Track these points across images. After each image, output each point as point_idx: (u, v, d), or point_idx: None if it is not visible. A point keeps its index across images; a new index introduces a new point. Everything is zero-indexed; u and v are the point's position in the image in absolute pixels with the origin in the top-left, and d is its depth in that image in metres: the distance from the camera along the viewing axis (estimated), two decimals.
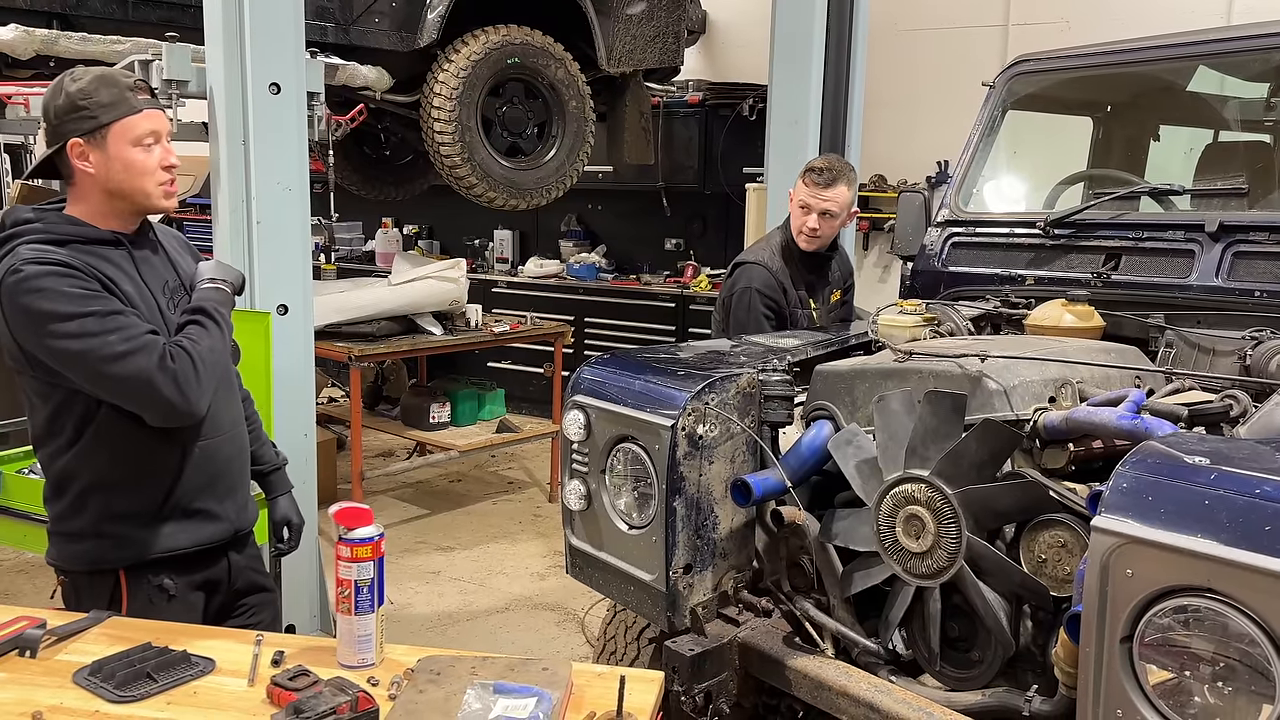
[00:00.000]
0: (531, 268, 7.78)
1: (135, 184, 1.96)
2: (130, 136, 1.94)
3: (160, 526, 2.02)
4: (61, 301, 1.84)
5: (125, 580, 2.02)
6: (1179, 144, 3.35)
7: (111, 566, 2.02)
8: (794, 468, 2.18)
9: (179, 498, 2.04)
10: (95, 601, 2.00)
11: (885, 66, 6.29)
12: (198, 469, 2.05)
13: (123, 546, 2.01)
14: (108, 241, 1.97)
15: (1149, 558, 1.47)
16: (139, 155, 1.95)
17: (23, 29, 3.70)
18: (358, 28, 4.49)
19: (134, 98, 1.95)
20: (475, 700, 1.50)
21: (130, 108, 1.94)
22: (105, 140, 1.92)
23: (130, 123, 1.93)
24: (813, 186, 3.19)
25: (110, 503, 2.00)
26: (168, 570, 2.05)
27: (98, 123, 1.91)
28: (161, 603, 2.04)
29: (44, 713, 1.49)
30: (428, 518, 5.52)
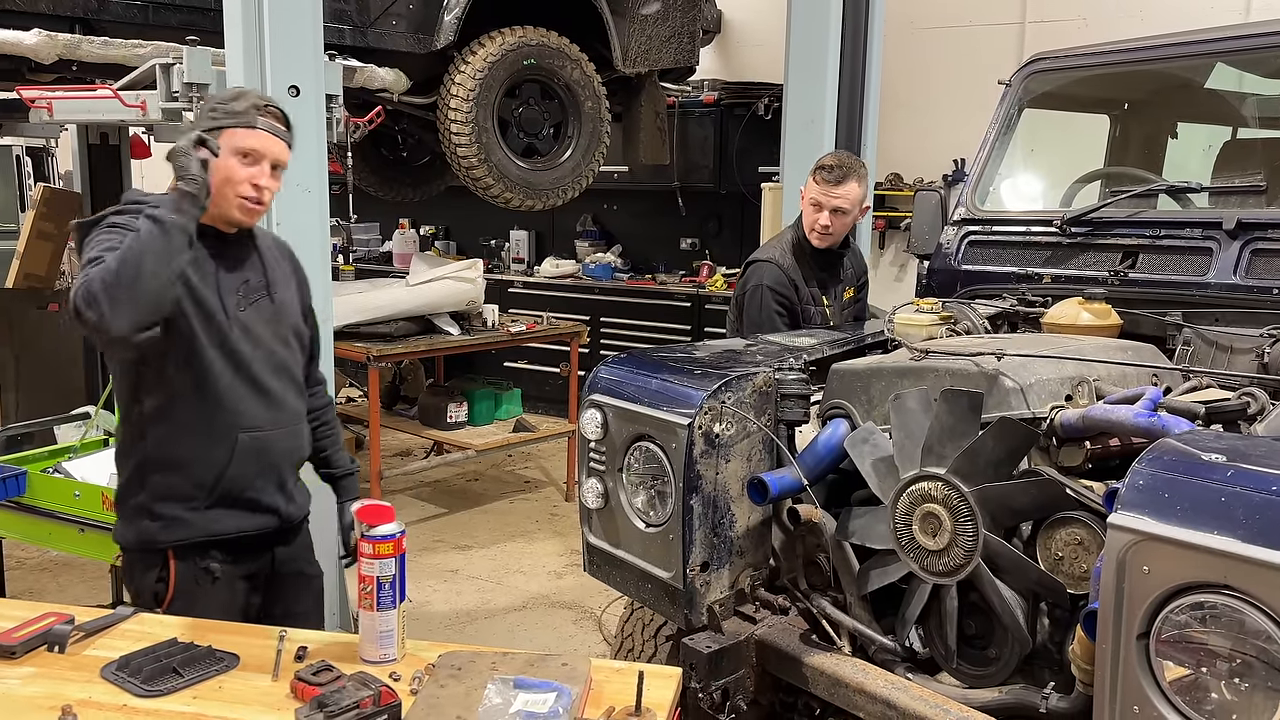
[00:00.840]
0: (547, 268, 7.80)
1: (221, 188, 2.07)
2: (235, 145, 2.07)
3: (208, 511, 2.12)
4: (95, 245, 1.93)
5: (173, 560, 2.12)
6: (1197, 141, 3.33)
7: (160, 546, 2.12)
8: (810, 466, 2.19)
9: (228, 485, 2.13)
10: (144, 578, 2.13)
11: (901, 65, 6.28)
12: (248, 459, 2.14)
13: (171, 527, 2.11)
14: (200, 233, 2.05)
15: (1166, 554, 1.47)
16: (234, 163, 2.07)
17: (45, 34, 3.75)
18: (375, 30, 4.52)
19: (256, 117, 2.09)
20: (496, 695, 1.52)
21: (246, 122, 2.09)
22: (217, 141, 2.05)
23: (240, 134, 2.08)
24: (824, 184, 3.20)
25: (163, 484, 2.11)
26: (214, 554, 2.14)
27: (217, 125, 2.07)
28: (206, 584, 2.13)
29: (73, 706, 1.51)
30: (445, 516, 5.55)
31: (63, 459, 3.41)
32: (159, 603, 2.13)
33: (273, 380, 2.19)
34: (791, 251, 3.31)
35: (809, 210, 3.27)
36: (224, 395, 2.11)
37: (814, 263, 3.32)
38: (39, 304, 5.93)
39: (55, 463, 3.38)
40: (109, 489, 3.07)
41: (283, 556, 2.28)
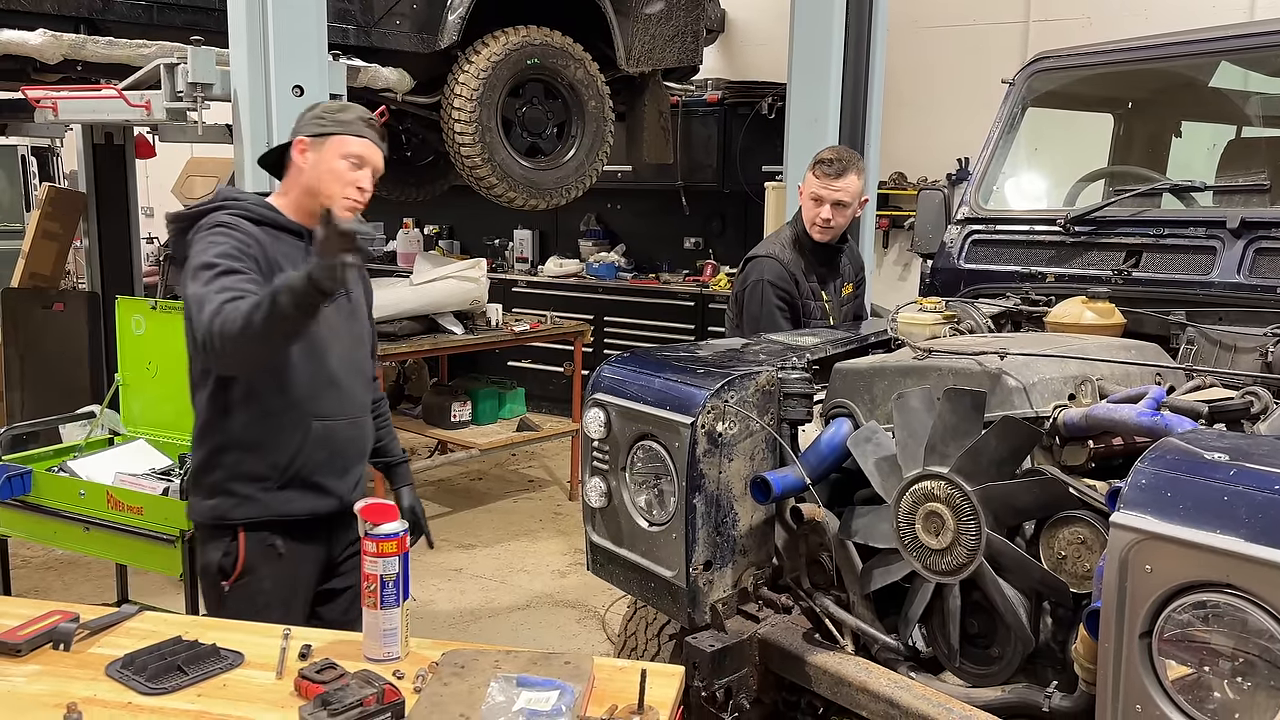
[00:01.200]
0: (551, 267, 7.81)
1: (328, 188, 2.22)
2: (342, 150, 2.23)
3: (280, 492, 2.24)
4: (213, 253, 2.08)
5: (243, 535, 2.23)
6: (1201, 140, 3.33)
7: (232, 522, 2.23)
8: (813, 465, 2.19)
9: (299, 469, 2.26)
10: (213, 553, 2.25)
11: (905, 64, 6.28)
12: (319, 445, 2.27)
13: (244, 505, 2.23)
14: (291, 230, 2.25)
15: (1168, 553, 1.47)
16: (341, 166, 2.23)
17: (50, 34, 3.76)
18: (379, 30, 4.53)
19: (362, 126, 2.26)
20: (499, 693, 1.52)
21: (355, 130, 2.25)
22: (324, 146, 2.23)
23: (347, 140, 2.24)
24: (824, 178, 3.20)
25: (239, 464, 2.23)
26: (280, 532, 2.25)
27: (325, 130, 2.24)
28: (272, 559, 2.25)
29: (78, 704, 1.52)
30: (449, 515, 5.56)
31: (68, 458, 3.42)
32: (225, 576, 2.25)
33: (345, 374, 2.33)
34: (791, 247, 3.31)
35: (809, 205, 3.27)
36: (303, 386, 2.23)
37: (813, 258, 3.32)
38: (44, 303, 5.94)
39: (60, 462, 3.38)
40: (114, 488, 3.08)
41: (341, 539, 2.38)
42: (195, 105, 3.63)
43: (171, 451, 3.45)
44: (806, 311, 3.26)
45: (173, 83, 3.66)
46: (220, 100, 3.70)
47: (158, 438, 3.54)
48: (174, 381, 3.52)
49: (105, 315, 5.76)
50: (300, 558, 2.29)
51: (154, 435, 3.56)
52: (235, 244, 2.12)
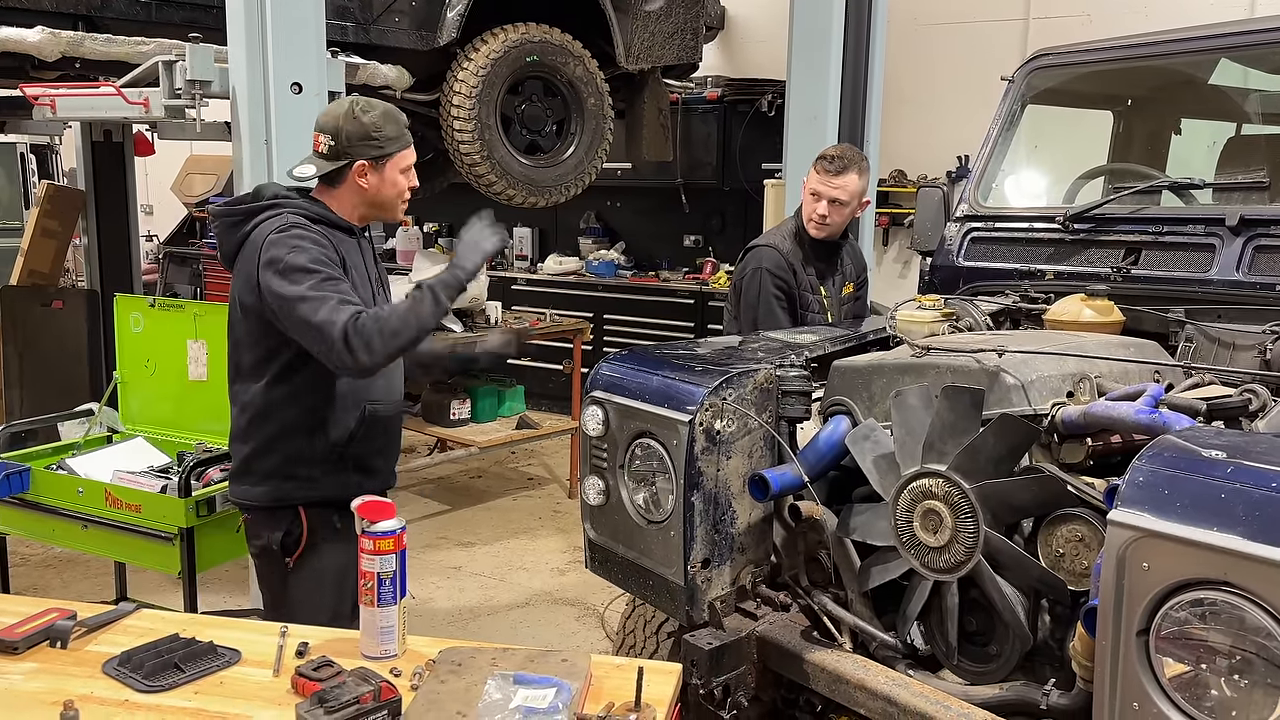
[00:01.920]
0: (551, 265, 7.80)
1: (394, 201, 2.41)
2: (401, 165, 2.38)
3: (338, 475, 2.36)
4: (305, 258, 2.21)
5: (305, 515, 2.36)
6: (1201, 138, 3.32)
7: (294, 503, 2.36)
8: (811, 463, 2.19)
9: (355, 452, 2.39)
10: (273, 534, 2.36)
11: (905, 61, 6.27)
12: (372, 429, 2.41)
13: (306, 487, 2.35)
14: (343, 228, 2.38)
15: (1165, 551, 1.47)
16: (403, 180, 2.40)
17: (49, 31, 3.75)
18: (378, 27, 4.52)
19: (407, 134, 2.39)
20: (496, 690, 1.52)
21: (406, 142, 2.38)
22: (384, 166, 2.35)
23: (405, 155, 2.39)
24: (824, 174, 3.20)
25: (301, 448, 2.34)
26: (337, 511, 2.33)
27: (384, 152, 2.34)
28: (331, 536, 2.37)
29: (75, 701, 1.52)
30: (449, 513, 5.56)
31: (66, 456, 3.42)
32: (289, 553, 2.36)
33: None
34: (792, 238, 3.31)
35: (808, 200, 3.27)
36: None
37: (813, 252, 3.32)
38: (43, 301, 5.94)
39: (59, 459, 3.39)
40: (112, 486, 3.08)
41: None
42: (194, 103, 3.62)
43: (170, 449, 3.45)
44: (804, 304, 3.26)
45: (171, 80, 3.65)
46: (219, 97, 3.69)
47: (156, 435, 3.54)
48: (172, 379, 3.53)
49: (104, 313, 5.75)
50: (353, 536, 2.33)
51: (152, 433, 3.56)
52: (321, 250, 2.24)
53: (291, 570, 2.37)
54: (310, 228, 2.28)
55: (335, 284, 2.21)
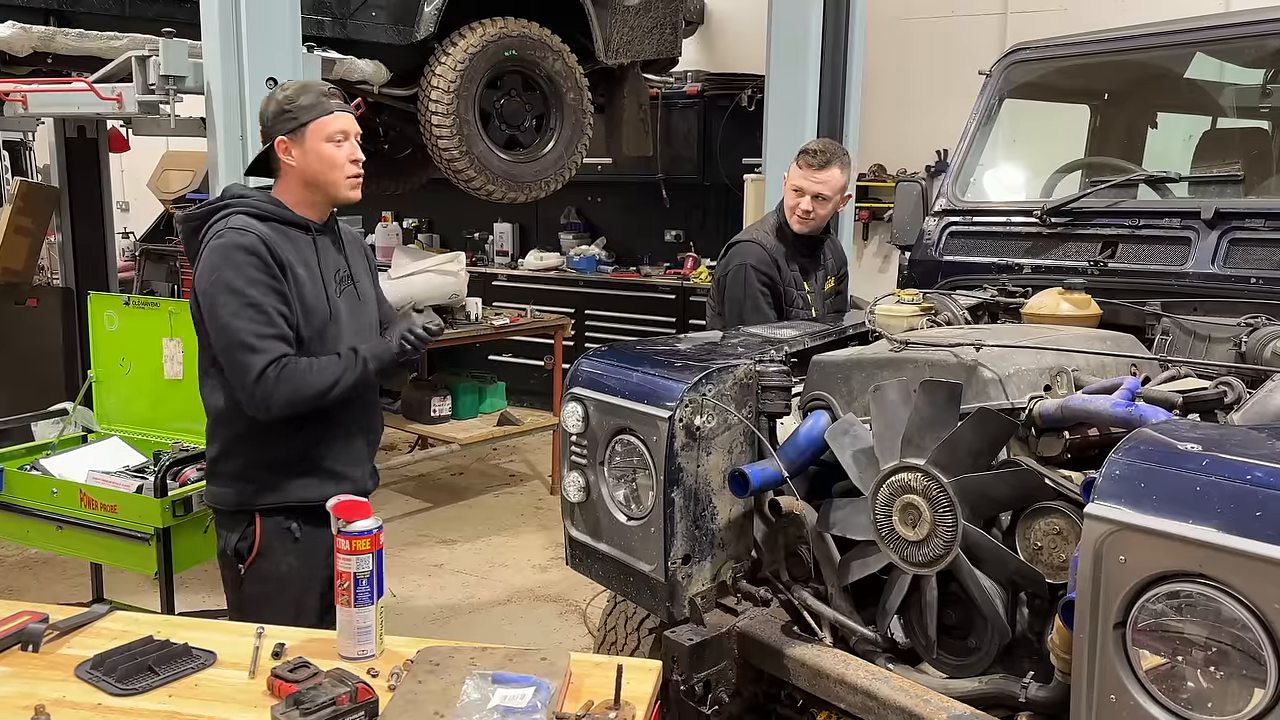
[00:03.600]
0: (531, 260, 7.78)
1: (327, 175, 2.26)
2: (323, 134, 2.24)
3: (299, 479, 2.29)
4: (235, 276, 2.15)
5: (260, 521, 2.29)
6: (1177, 131, 3.34)
7: (251, 508, 2.29)
8: (791, 458, 2.19)
9: (318, 456, 2.31)
10: (230, 537, 2.31)
11: (883, 56, 6.28)
12: (335, 433, 2.33)
13: (264, 491, 2.28)
14: (298, 225, 2.28)
15: (1142, 544, 1.47)
16: (330, 149, 2.25)
17: (20, 26, 3.71)
18: (355, 22, 4.49)
19: (328, 101, 2.26)
20: (474, 690, 1.51)
21: (324, 109, 2.24)
22: (304, 137, 2.23)
23: (323, 121, 2.24)
24: (806, 169, 3.20)
25: (260, 451, 2.27)
26: (297, 517, 2.29)
27: (298, 122, 2.23)
28: (288, 543, 2.30)
29: (46, 706, 1.50)
30: (430, 511, 5.53)
31: (40, 456, 3.37)
32: (242, 559, 2.30)
33: None
34: (774, 234, 3.31)
35: (790, 195, 3.27)
36: None
37: (795, 247, 3.33)
38: (16, 299, 5.88)
39: (33, 460, 3.34)
40: (87, 486, 3.05)
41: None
42: (168, 98, 3.59)
43: (145, 448, 3.41)
44: (788, 299, 3.26)
45: (145, 75, 3.62)
46: (193, 93, 3.66)
47: (131, 435, 3.51)
48: (147, 378, 3.50)
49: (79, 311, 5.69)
50: (317, 543, 2.29)
51: (128, 432, 3.53)
52: (253, 263, 2.16)
53: (245, 577, 2.31)
54: (249, 227, 2.19)
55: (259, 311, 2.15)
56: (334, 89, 2.31)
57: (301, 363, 2.18)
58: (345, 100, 2.31)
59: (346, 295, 2.36)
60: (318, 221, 2.33)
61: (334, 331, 2.30)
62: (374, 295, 2.51)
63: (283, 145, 2.25)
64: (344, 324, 2.32)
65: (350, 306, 2.37)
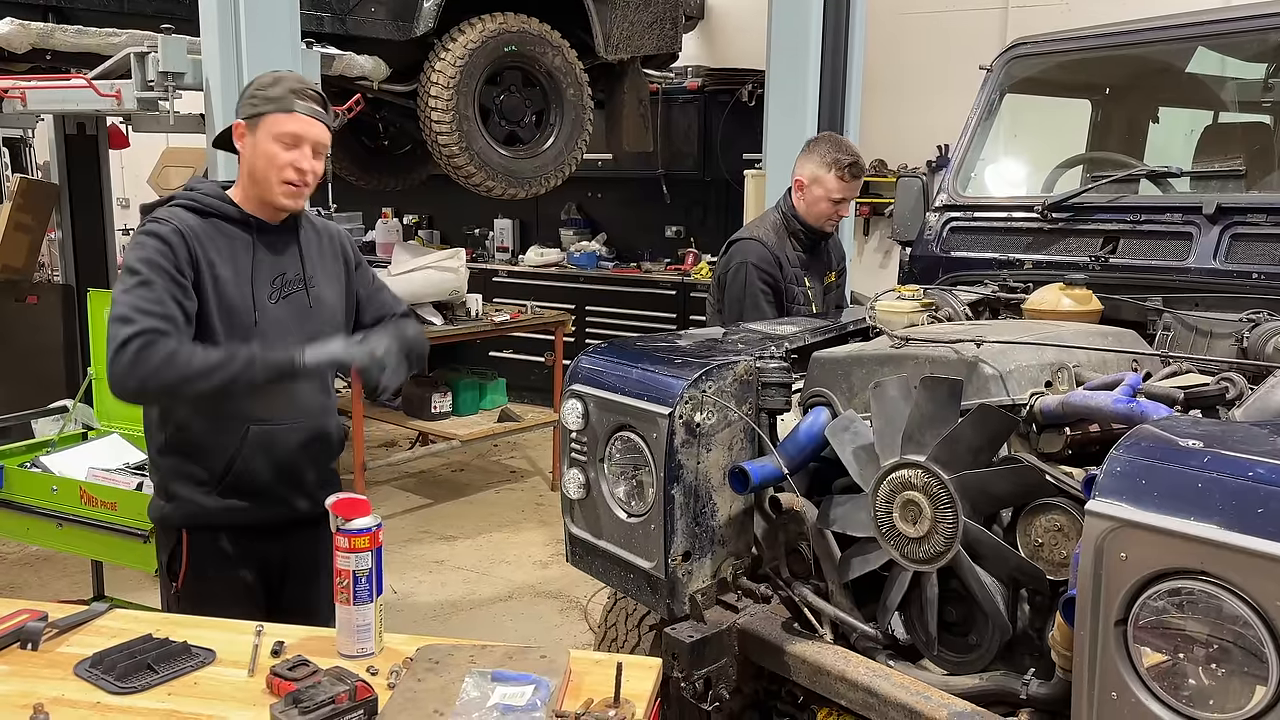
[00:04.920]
0: (532, 256, 7.77)
1: (263, 173, 2.13)
2: (274, 131, 2.11)
3: (219, 498, 2.16)
4: (136, 258, 2.04)
5: (187, 539, 2.18)
6: (1179, 126, 3.33)
7: (174, 525, 2.19)
8: (791, 455, 2.18)
9: (238, 475, 2.16)
10: (162, 554, 2.23)
11: (884, 50, 6.26)
12: (258, 451, 2.16)
13: (184, 509, 2.17)
14: (240, 222, 2.16)
15: (1143, 541, 1.47)
16: (275, 149, 2.11)
17: (18, 22, 3.70)
18: (354, 17, 4.48)
19: (294, 101, 2.11)
20: (473, 688, 1.51)
21: (284, 107, 2.11)
22: (257, 128, 2.12)
23: (278, 119, 2.10)
24: (850, 181, 3.25)
25: (179, 467, 2.16)
26: (225, 537, 2.18)
27: (256, 111, 2.12)
28: (218, 564, 2.18)
29: (45, 704, 1.49)
30: (431, 507, 5.53)
31: (40, 453, 3.37)
32: (174, 578, 2.20)
33: None
34: (776, 232, 3.30)
35: (825, 204, 3.27)
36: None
37: (798, 244, 3.32)
38: (16, 296, 5.87)
39: (33, 457, 3.34)
40: (87, 483, 3.05)
41: (298, 547, 2.28)
42: (167, 95, 3.59)
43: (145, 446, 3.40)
44: (790, 296, 3.26)
45: (143, 72, 3.61)
46: (192, 89, 3.65)
47: (131, 432, 3.50)
48: None
49: (79, 308, 5.69)
50: (250, 563, 2.21)
51: (127, 430, 3.52)
52: (160, 249, 2.03)
53: (177, 595, 2.19)
54: (173, 218, 2.08)
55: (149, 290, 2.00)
56: (313, 92, 2.15)
57: (173, 343, 1.98)
58: (322, 108, 2.16)
59: (293, 299, 2.19)
60: (267, 219, 2.18)
61: (262, 337, 2.12)
62: (338, 300, 2.31)
63: (238, 130, 2.15)
64: (278, 330, 2.15)
65: (294, 312, 2.19)
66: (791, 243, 3.31)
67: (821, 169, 3.25)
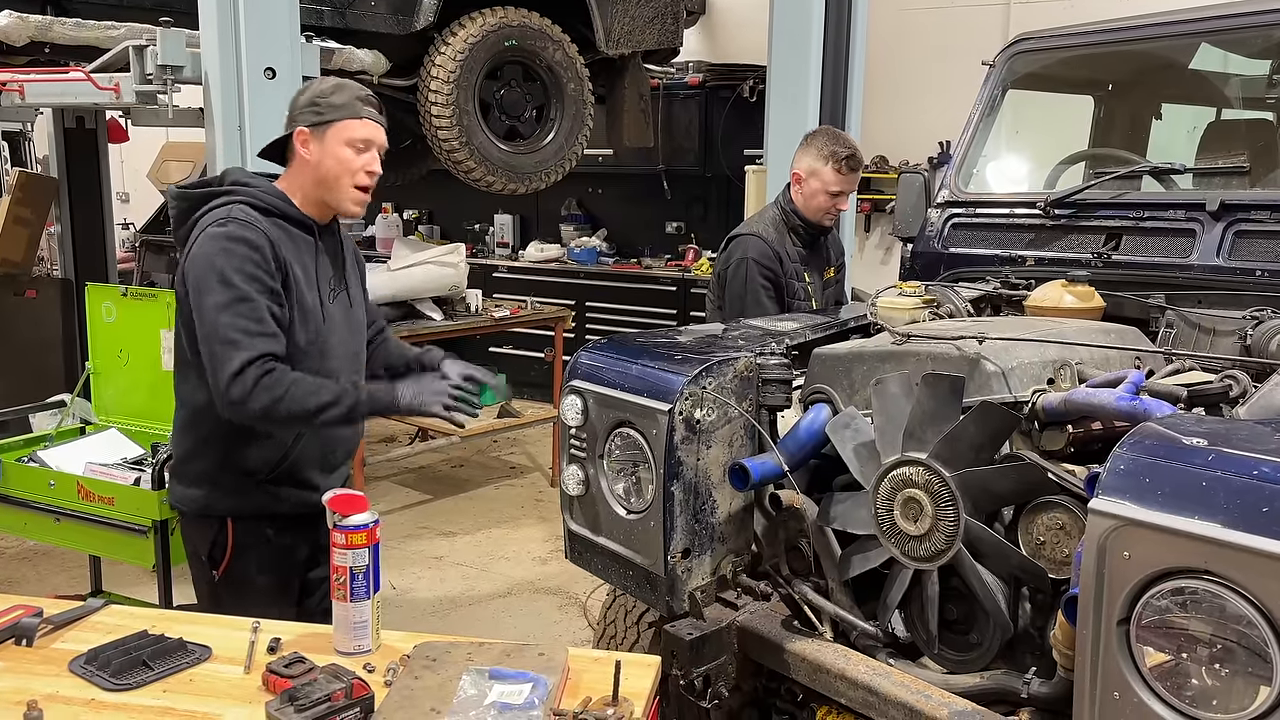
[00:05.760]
0: (532, 252, 7.76)
1: (335, 178, 2.18)
2: (346, 136, 2.16)
3: (269, 487, 2.20)
4: (231, 267, 2.05)
5: (233, 527, 2.20)
6: (1181, 122, 3.31)
7: (219, 513, 2.21)
8: (792, 451, 2.17)
9: (290, 465, 2.22)
10: (201, 542, 2.23)
11: (886, 46, 6.24)
12: (311, 442, 2.22)
13: (232, 498, 2.20)
14: (300, 223, 2.20)
15: (1146, 540, 1.46)
16: (348, 153, 2.17)
17: (17, 15, 3.68)
18: (353, 11, 4.46)
19: (361, 107, 2.18)
20: (471, 686, 1.50)
21: (354, 113, 2.17)
22: (325, 134, 2.16)
23: (350, 125, 2.16)
24: (848, 174, 3.24)
25: (229, 454, 2.18)
26: (269, 523, 2.22)
27: (324, 119, 2.16)
28: (262, 549, 2.22)
29: (39, 701, 1.48)
30: (430, 503, 5.53)
31: (38, 448, 3.36)
32: (215, 565, 2.22)
33: (343, 371, 2.27)
34: (775, 227, 3.29)
35: (823, 198, 3.25)
36: None
37: (798, 240, 3.31)
38: (15, 290, 5.86)
39: (30, 451, 3.32)
40: (84, 478, 3.03)
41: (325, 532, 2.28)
42: (165, 88, 3.57)
43: (143, 440, 3.40)
44: (791, 291, 3.25)
45: (142, 65, 3.59)
46: (191, 83, 3.63)
47: (129, 427, 3.49)
48: (145, 370, 3.48)
49: (78, 302, 5.68)
50: (288, 549, 2.26)
51: (125, 424, 3.51)
52: (253, 258, 2.07)
53: (219, 583, 2.22)
54: (254, 221, 2.11)
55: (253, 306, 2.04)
56: (372, 98, 2.22)
57: (291, 374, 2.06)
58: (380, 112, 2.24)
59: (339, 300, 2.29)
60: (320, 222, 2.25)
61: (328, 337, 2.22)
62: (363, 300, 2.42)
63: (302, 137, 2.17)
64: (337, 330, 2.25)
65: (343, 312, 2.29)
66: (791, 238, 3.30)
67: (819, 162, 3.24)
